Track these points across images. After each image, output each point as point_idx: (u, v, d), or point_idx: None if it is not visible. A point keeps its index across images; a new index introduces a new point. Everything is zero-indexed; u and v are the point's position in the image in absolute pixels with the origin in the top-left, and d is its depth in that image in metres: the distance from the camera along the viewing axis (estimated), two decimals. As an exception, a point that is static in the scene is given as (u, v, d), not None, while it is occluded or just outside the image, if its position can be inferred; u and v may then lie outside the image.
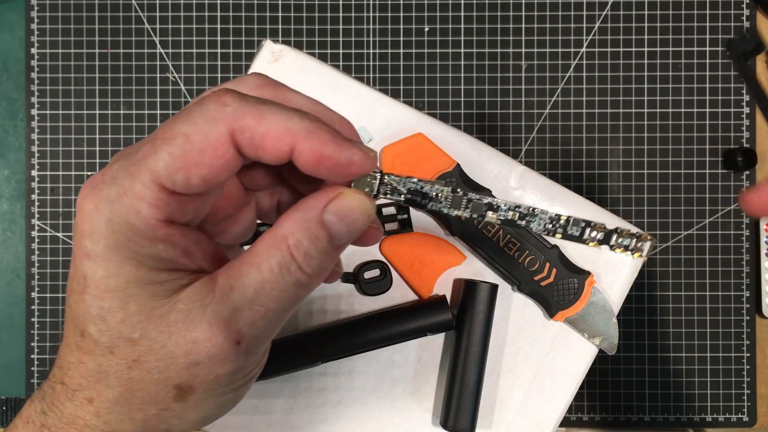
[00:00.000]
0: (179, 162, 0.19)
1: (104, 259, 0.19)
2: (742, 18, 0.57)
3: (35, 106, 0.58)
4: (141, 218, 0.19)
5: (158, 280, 0.19)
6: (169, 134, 0.19)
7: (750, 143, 0.57)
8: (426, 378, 0.38)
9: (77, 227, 0.19)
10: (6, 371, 0.58)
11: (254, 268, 0.20)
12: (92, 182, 0.19)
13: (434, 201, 0.23)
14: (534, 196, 0.38)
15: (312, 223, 0.20)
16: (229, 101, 0.19)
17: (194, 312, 0.19)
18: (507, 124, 0.58)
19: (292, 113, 0.20)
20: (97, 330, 0.19)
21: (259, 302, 0.20)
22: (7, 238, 0.59)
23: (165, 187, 0.19)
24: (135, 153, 0.19)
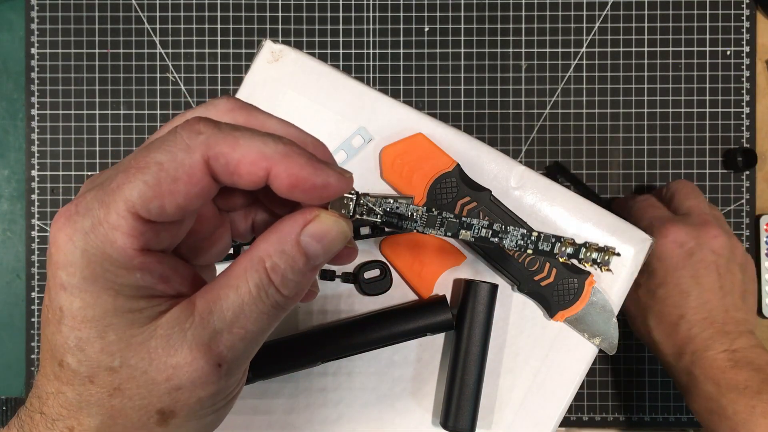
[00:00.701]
0: (154, 191, 0.19)
1: (80, 290, 0.19)
2: (742, 18, 0.57)
3: (35, 106, 0.58)
4: (117, 248, 0.19)
5: (136, 308, 0.19)
6: (143, 163, 0.19)
7: (750, 143, 0.57)
8: (426, 378, 0.38)
9: (51, 258, 0.19)
10: (6, 371, 0.58)
11: (232, 291, 0.20)
12: (65, 213, 0.19)
13: (409, 221, 0.23)
14: (534, 196, 0.38)
15: (289, 245, 0.21)
16: (202, 129, 0.19)
17: (174, 337, 0.19)
18: (507, 124, 0.58)
19: (266, 138, 0.20)
20: (76, 360, 0.19)
21: (238, 324, 0.20)
22: (7, 238, 0.59)
23: (140, 216, 0.19)
24: (108, 182, 0.19)
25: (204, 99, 0.58)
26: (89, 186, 0.20)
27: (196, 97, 0.58)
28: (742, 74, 0.57)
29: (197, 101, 0.58)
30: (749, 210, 0.57)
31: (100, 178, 0.20)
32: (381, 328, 0.37)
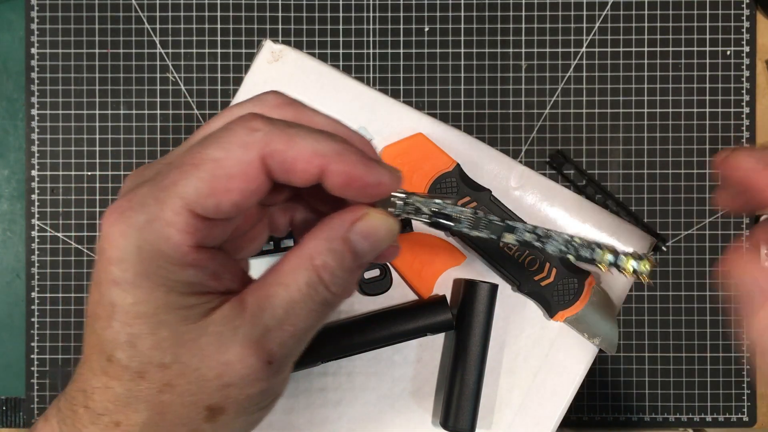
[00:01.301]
0: (210, 188, 0.19)
1: (133, 286, 0.19)
2: (742, 18, 0.57)
3: (35, 106, 0.58)
4: (171, 245, 0.19)
5: (188, 305, 0.19)
6: (198, 159, 0.19)
7: (750, 143, 0.57)
8: (426, 378, 0.38)
9: (104, 254, 0.19)
10: (6, 371, 0.58)
11: (282, 288, 0.20)
12: (118, 208, 0.19)
13: (455, 222, 0.23)
14: (534, 196, 0.38)
15: (337, 242, 0.21)
16: (258, 126, 0.19)
17: (225, 334, 0.19)
18: (507, 124, 0.58)
19: (320, 135, 0.20)
20: (127, 356, 0.19)
21: (288, 322, 0.20)
22: (7, 238, 0.59)
23: (195, 213, 0.19)
24: (161, 178, 0.19)
25: (204, 99, 0.58)
26: (137, 180, 0.20)
27: (196, 97, 0.58)
28: (742, 74, 0.57)
29: (197, 101, 0.58)
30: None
31: (148, 171, 0.20)
32: (381, 328, 0.37)
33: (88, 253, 0.58)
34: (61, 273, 0.57)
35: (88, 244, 0.58)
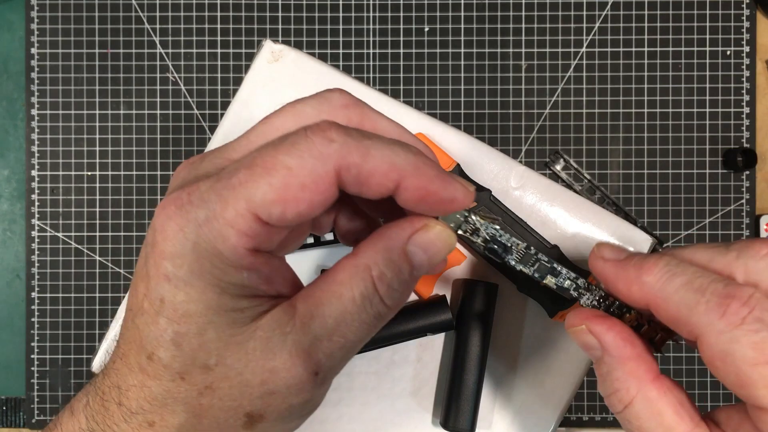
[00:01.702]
0: (279, 195, 0.18)
1: (186, 283, 0.18)
2: (742, 18, 0.57)
3: (35, 106, 0.58)
4: (229, 245, 0.18)
5: (239, 308, 0.19)
6: (270, 164, 0.18)
7: (750, 143, 0.57)
8: (426, 378, 0.38)
9: (157, 247, 0.18)
10: (6, 371, 0.58)
11: (336, 298, 0.19)
12: (176, 201, 0.18)
13: (509, 253, 0.22)
14: (534, 196, 0.38)
15: (396, 254, 0.20)
16: (334, 136, 0.18)
17: (274, 340, 0.19)
18: (507, 124, 0.58)
19: (396, 147, 0.19)
20: (170, 355, 0.19)
21: (338, 333, 0.19)
22: (7, 238, 0.59)
23: (258, 217, 0.18)
24: (228, 176, 0.18)
25: (204, 99, 0.58)
26: (192, 172, 0.20)
27: (196, 97, 0.58)
28: (742, 74, 0.57)
29: (197, 101, 0.58)
30: (749, 210, 0.57)
31: (207, 165, 0.19)
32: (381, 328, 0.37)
33: (88, 253, 0.58)
34: (61, 273, 0.57)
35: (88, 244, 0.58)
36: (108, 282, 0.58)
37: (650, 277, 0.21)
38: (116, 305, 0.57)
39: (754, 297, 0.19)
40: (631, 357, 0.21)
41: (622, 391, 0.21)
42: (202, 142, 0.58)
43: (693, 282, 0.20)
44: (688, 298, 0.19)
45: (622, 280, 0.21)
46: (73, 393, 0.57)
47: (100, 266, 0.58)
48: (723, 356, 0.18)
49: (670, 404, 0.20)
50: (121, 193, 0.58)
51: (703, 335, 0.19)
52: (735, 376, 0.18)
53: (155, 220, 0.18)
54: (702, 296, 0.19)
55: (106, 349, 0.36)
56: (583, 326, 0.22)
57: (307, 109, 0.20)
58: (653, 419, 0.20)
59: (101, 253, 0.58)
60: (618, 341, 0.21)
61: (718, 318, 0.19)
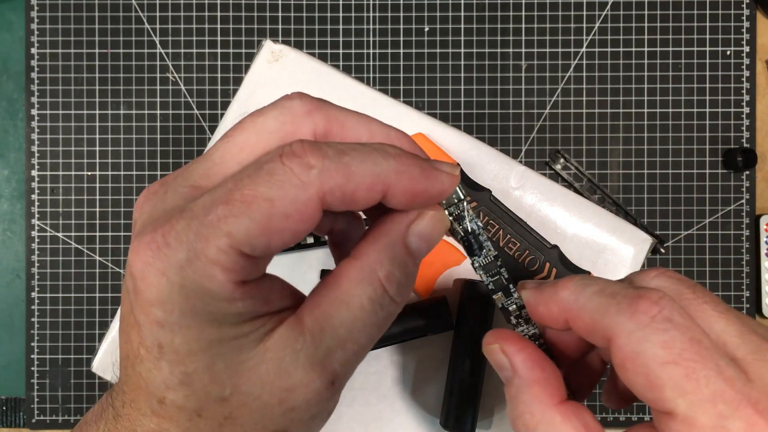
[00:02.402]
0: (261, 229, 0.17)
1: (181, 326, 0.18)
2: (742, 18, 0.57)
3: (35, 106, 0.58)
4: (216, 282, 0.18)
5: (242, 334, 0.18)
6: (250, 197, 0.17)
7: (750, 143, 0.57)
8: (426, 378, 0.38)
9: (141, 294, 0.18)
10: (6, 371, 0.58)
11: (344, 307, 0.19)
12: (151, 245, 0.18)
13: (478, 254, 0.23)
14: (534, 196, 0.38)
15: (398, 249, 0.20)
16: (312, 161, 0.18)
17: (286, 360, 0.19)
18: (507, 124, 0.58)
19: (375, 156, 0.19)
20: (182, 396, 0.18)
21: (351, 340, 0.19)
22: (7, 238, 0.59)
23: (241, 252, 0.18)
24: (203, 212, 0.18)
25: (204, 99, 0.58)
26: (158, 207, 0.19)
27: (196, 97, 0.58)
28: (742, 74, 0.57)
29: (197, 101, 0.58)
30: (749, 210, 0.57)
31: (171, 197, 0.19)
32: (381, 328, 0.37)
33: (88, 253, 0.58)
34: (61, 273, 0.57)
35: (88, 244, 0.58)
36: (108, 282, 0.58)
37: (565, 291, 0.21)
38: (116, 305, 0.57)
39: (664, 298, 0.19)
40: (537, 380, 0.21)
41: (527, 415, 0.21)
42: (202, 142, 0.58)
43: (605, 289, 0.20)
44: (600, 303, 0.20)
45: (542, 302, 0.22)
46: (73, 393, 0.57)
47: (100, 266, 0.58)
48: (633, 356, 0.18)
49: (575, 428, 0.20)
50: (121, 193, 0.58)
51: (613, 337, 0.19)
52: (644, 378, 0.18)
53: (132, 266, 0.18)
54: (613, 299, 0.19)
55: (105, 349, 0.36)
56: (496, 345, 0.22)
57: (269, 122, 0.19)
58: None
59: (101, 253, 0.58)
60: (527, 363, 0.21)
61: (628, 318, 0.19)
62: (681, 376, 0.18)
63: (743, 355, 0.19)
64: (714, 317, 0.20)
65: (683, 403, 0.18)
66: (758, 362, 0.18)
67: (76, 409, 0.57)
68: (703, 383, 0.17)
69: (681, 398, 0.18)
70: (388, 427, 0.38)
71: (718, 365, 0.18)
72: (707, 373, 0.18)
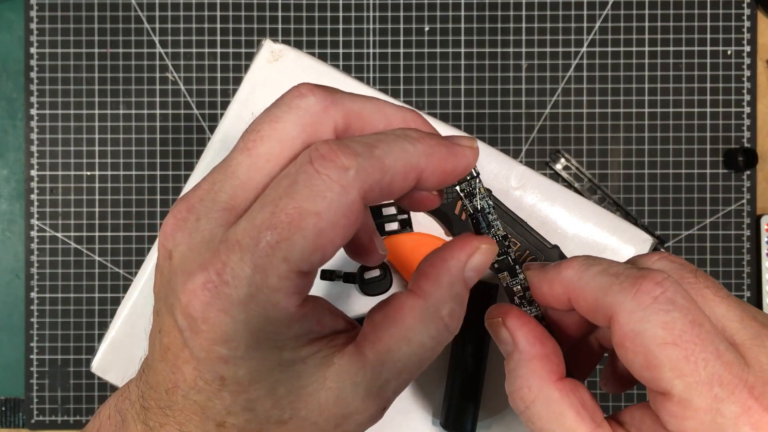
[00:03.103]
0: (315, 244, 0.17)
1: (245, 359, 0.18)
2: (742, 18, 0.57)
3: (34, 105, 0.58)
4: (280, 310, 0.18)
5: (301, 358, 0.19)
6: (296, 215, 0.17)
7: (751, 143, 0.57)
8: (426, 378, 0.38)
9: (202, 334, 0.17)
10: (5, 371, 0.58)
11: (405, 344, 0.20)
12: (207, 285, 0.17)
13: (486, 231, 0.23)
14: (534, 196, 0.38)
15: (459, 286, 0.20)
16: (347, 163, 0.17)
17: (346, 390, 0.19)
18: (507, 124, 0.57)
19: (402, 143, 0.19)
20: (243, 420, 0.19)
21: (406, 371, 0.20)
22: (6, 238, 0.59)
23: (301, 272, 0.18)
24: (253, 242, 0.17)
25: (204, 99, 0.58)
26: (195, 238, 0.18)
27: (195, 97, 0.58)
28: (743, 74, 0.57)
29: (197, 101, 0.58)
30: (750, 210, 0.57)
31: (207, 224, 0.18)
32: (381, 328, 0.37)
33: (88, 253, 0.58)
34: (60, 273, 0.57)
35: (88, 244, 0.57)
36: (107, 282, 0.57)
37: (569, 270, 0.21)
38: (116, 305, 0.57)
39: (668, 279, 0.19)
40: (537, 356, 0.21)
41: (524, 389, 0.21)
42: (201, 142, 0.58)
43: (609, 269, 0.20)
44: (603, 282, 0.20)
45: (546, 281, 0.22)
46: (72, 393, 0.57)
47: (100, 266, 0.57)
48: (633, 336, 0.18)
49: (572, 406, 0.20)
50: (121, 193, 0.58)
51: (615, 315, 0.19)
52: (643, 357, 0.18)
53: (189, 307, 0.17)
54: (616, 279, 0.19)
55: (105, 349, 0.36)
56: (499, 319, 0.23)
57: (288, 127, 0.19)
58: (554, 420, 0.21)
59: (101, 253, 0.57)
60: (528, 338, 0.22)
61: (630, 297, 0.19)
62: (680, 358, 0.18)
63: (742, 341, 0.19)
64: (715, 302, 0.20)
65: (680, 384, 0.18)
66: (757, 348, 0.19)
67: (76, 410, 0.57)
68: (701, 366, 0.18)
69: (678, 379, 0.18)
70: (389, 428, 0.38)
71: (717, 349, 0.18)
72: (706, 356, 0.18)
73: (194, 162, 0.58)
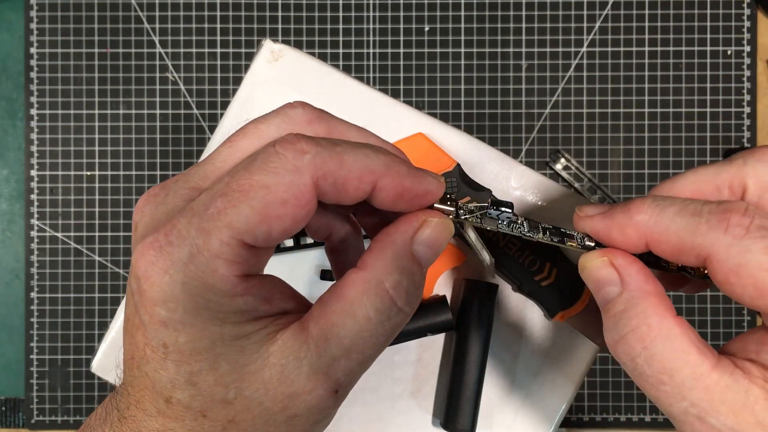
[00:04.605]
0: (261, 216, 0.18)
1: (184, 324, 0.18)
2: (742, 17, 0.57)
3: (34, 105, 0.58)
4: (219, 277, 0.18)
5: (244, 334, 0.19)
6: (246, 186, 0.18)
7: (751, 143, 0.57)
8: (426, 378, 0.38)
9: (145, 294, 0.18)
10: (5, 371, 0.58)
11: (350, 318, 0.19)
12: (154, 245, 0.18)
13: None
14: (534, 196, 0.38)
15: (405, 259, 0.20)
16: (306, 148, 0.18)
17: (289, 367, 0.19)
18: (507, 124, 0.57)
19: (367, 150, 0.19)
20: (188, 395, 0.19)
21: (356, 350, 0.19)
22: (6, 238, 0.59)
23: (243, 243, 0.18)
24: (203, 207, 0.18)
25: (204, 99, 0.58)
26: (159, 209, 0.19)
27: (195, 97, 0.58)
28: (743, 74, 0.57)
29: (197, 101, 0.58)
30: (750, 210, 0.57)
31: (173, 199, 0.19)
32: (381, 328, 0.37)
33: (88, 253, 0.58)
34: (60, 273, 0.57)
35: (88, 244, 0.57)
36: (107, 282, 0.57)
37: (642, 215, 0.20)
38: (115, 305, 0.57)
39: (750, 208, 0.19)
40: (653, 293, 0.20)
41: (643, 327, 0.20)
42: (201, 142, 0.58)
43: (686, 208, 0.20)
44: (686, 223, 0.19)
45: (615, 228, 0.21)
46: (72, 393, 0.57)
47: (100, 266, 0.57)
48: (737, 269, 0.18)
49: (693, 342, 0.20)
50: (121, 193, 0.58)
51: (712, 254, 0.19)
52: (752, 287, 0.18)
53: (136, 267, 0.18)
54: (700, 217, 0.19)
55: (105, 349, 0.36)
56: (604, 258, 0.21)
57: (271, 129, 0.20)
58: (677, 357, 0.19)
59: (101, 253, 0.57)
60: (641, 275, 0.21)
61: (723, 233, 0.18)
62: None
63: None
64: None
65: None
66: None
67: (76, 410, 0.57)
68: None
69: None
70: (389, 428, 0.38)
71: None
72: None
73: (194, 162, 0.58)
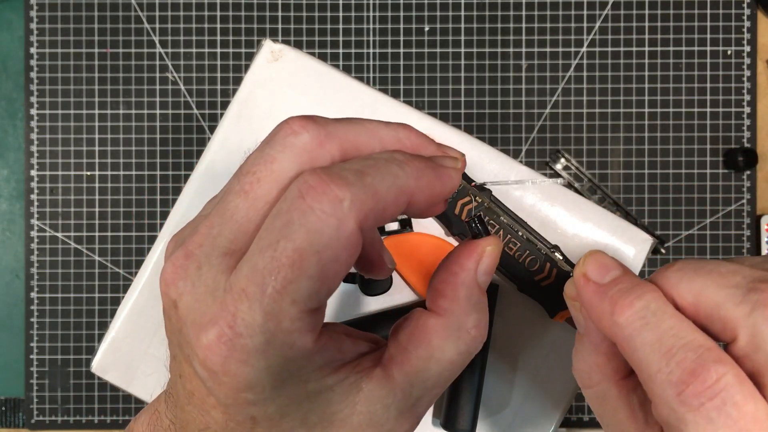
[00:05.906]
0: (320, 281, 0.17)
1: (273, 399, 0.18)
2: (742, 17, 0.57)
3: (34, 105, 0.58)
4: (297, 349, 0.18)
5: (327, 387, 0.19)
6: (298, 257, 0.17)
7: (751, 143, 0.57)
8: (426, 378, 0.38)
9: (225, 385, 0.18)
10: (5, 371, 0.58)
11: (434, 363, 0.20)
12: (221, 338, 0.17)
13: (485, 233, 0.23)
14: (534, 196, 0.38)
15: (476, 295, 0.21)
16: (340, 194, 0.17)
17: (378, 413, 0.19)
18: (507, 124, 0.57)
19: (391, 167, 0.18)
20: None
21: (438, 387, 0.20)
22: (6, 238, 0.59)
23: (310, 310, 0.18)
24: (260, 289, 0.17)
25: (204, 99, 0.58)
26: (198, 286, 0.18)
27: (195, 97, 0.58)
28: (743, 74, 0.57)
29: (197, 101, 0.58)
30: (750, 210, 0.57)
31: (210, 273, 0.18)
32: (381, 328, 0.37)
33: (88, 253, 0.57)
34: (60, 273, 0.57)
35: (88, 244, 0.57)
36: (107, 282, 0.57)
37: (622, 318, 0.20)
38: (116, 305, 0.57)
39: (722, 381, 0.17)
40: (604, 352, 0.22)
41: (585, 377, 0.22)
42: (201, 142, 0.58)
43: (663, 341, 0.18)
44: (652, 360, 0.18)
45: (596, 310, 0.21)
46: (73, 393, 0.57)
47: (100, 266, 0.57)
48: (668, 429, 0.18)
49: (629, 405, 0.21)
50: (121, 193, 0.58)
51: (655, 404, 0.18)
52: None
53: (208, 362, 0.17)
54: (666, 364, 0.18)
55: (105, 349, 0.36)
56: (576, 303, 0.23)
57: (285, 167, 0.18)
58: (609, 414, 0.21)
59: (101, 253, 0.57)
60: (599, 337, 0.22)
61: (674, 395, 0.17)
62: None
63: None
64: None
65: None
66: None
67: (76, 410, 0.57)
68: None
69: None
70: (388, 428, 0.38)
71: None
72: None
73: (194, 162, 0.58)
